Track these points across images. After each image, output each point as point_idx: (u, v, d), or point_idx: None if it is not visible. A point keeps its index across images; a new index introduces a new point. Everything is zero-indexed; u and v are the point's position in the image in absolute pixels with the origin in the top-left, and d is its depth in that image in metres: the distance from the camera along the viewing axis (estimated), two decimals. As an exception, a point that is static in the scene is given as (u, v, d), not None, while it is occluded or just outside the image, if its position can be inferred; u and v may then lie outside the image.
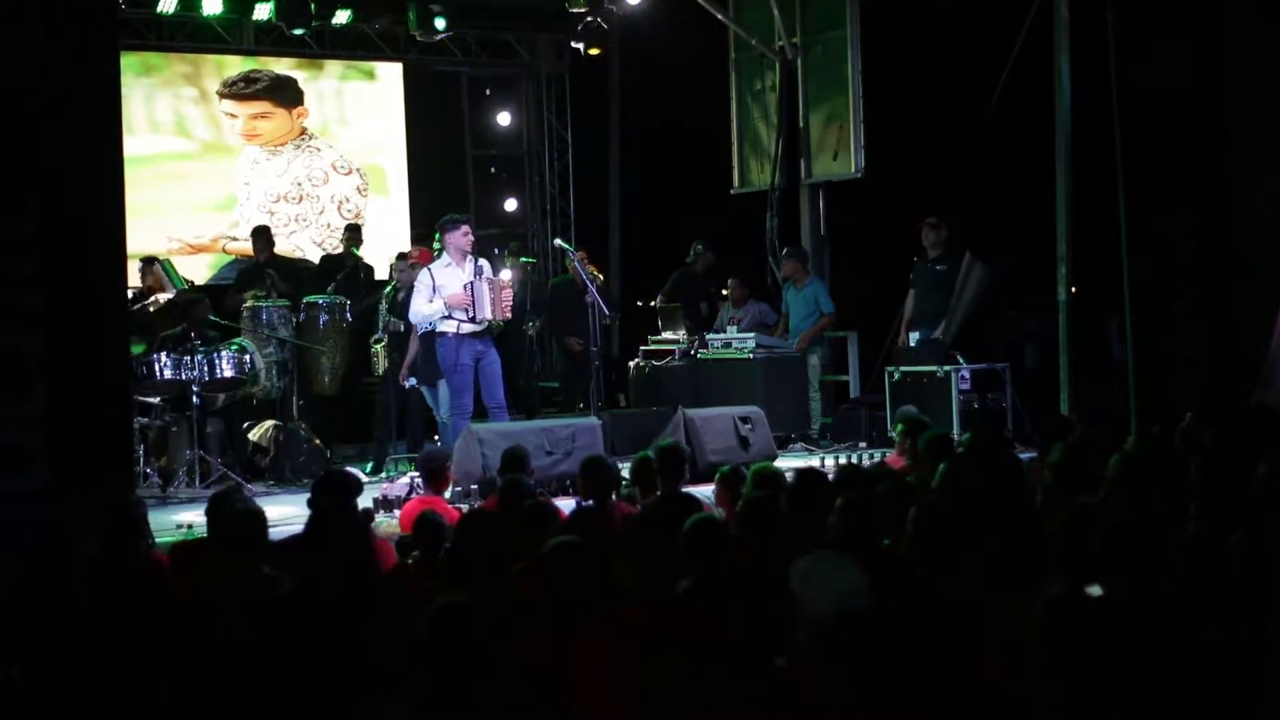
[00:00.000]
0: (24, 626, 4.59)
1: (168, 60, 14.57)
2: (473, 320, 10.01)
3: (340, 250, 13.30)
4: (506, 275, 11.26)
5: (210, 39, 14.55)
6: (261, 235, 12.90)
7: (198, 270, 14.15)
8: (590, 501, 6.70)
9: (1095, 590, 4.13)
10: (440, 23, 14.30)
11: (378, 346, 11.42)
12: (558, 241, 13.05)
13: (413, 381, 11.17)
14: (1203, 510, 5.20)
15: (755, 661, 4.05)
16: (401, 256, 11.86)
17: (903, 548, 4.94)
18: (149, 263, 12.24)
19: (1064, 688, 3.21)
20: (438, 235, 10.53)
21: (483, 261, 10.36)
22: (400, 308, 11.03)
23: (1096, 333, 12.62)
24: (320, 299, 11.50)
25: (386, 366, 11.28)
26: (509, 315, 10.44)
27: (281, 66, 15.02)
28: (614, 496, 7.01)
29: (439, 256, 10.41)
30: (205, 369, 10.21)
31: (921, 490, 6.13)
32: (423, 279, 10.19)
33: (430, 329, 10.32)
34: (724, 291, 13.38)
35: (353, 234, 13.14)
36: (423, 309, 10.12)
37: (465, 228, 10.25)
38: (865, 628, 3.43)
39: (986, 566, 4.26)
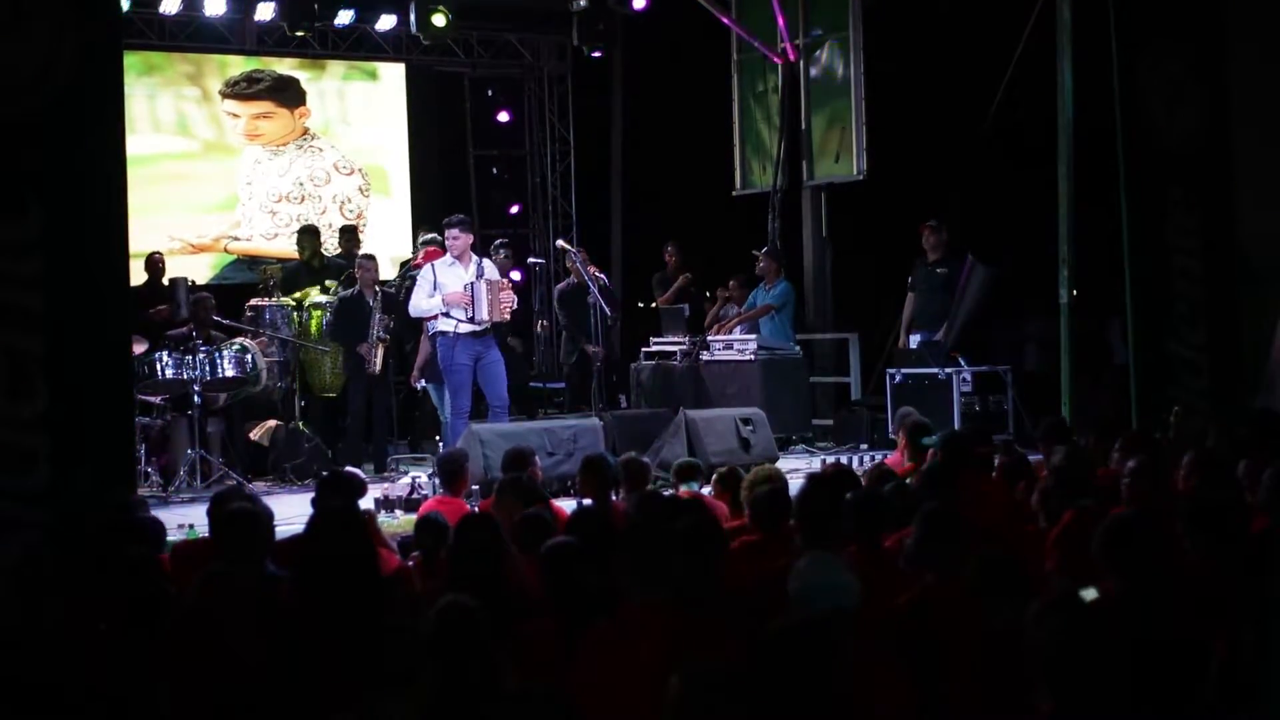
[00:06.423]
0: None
1: (170, 60, 14.58)
2: (471, 320, 10.04)
3: (339, 251, 13.22)
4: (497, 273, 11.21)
5: (213, 39, 14.56)
6: (310, 234, 12.58)
7: (199, 270, 14.15)
8: (590, 500, 6.71)
9: (1090, 593, 4.13)
10: (440, 21, 14.25)
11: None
12: (560, 242, 13.02)
13: (423, 383, 11.19)
14: (1203, 513, 5.19)
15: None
16: (368, 257, 11.73)
17: (904, 551, 4.94)
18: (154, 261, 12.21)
19: (1063, 693, 3.20)
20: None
21: (486, 262, 10.43)
22: (397, 306, 11.03)
23: (1098, 335, 12.62)
24: (323, 299, 11.49)
25: (380, 366, 11.24)
26: (506, 317, 10.44)
27: (284, 66, 15.04)
28: (614, 495, 7.01)
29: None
30: (207, 368, 10.19)
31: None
32: (424, 274, 10.34)
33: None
34: (717, 292, 13.45)
35: (348, 235, 12.96)
36: (421, 303, 10.24)
37: (451, 231, 10.24)
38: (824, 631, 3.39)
39: (985, 569, 4.25)
